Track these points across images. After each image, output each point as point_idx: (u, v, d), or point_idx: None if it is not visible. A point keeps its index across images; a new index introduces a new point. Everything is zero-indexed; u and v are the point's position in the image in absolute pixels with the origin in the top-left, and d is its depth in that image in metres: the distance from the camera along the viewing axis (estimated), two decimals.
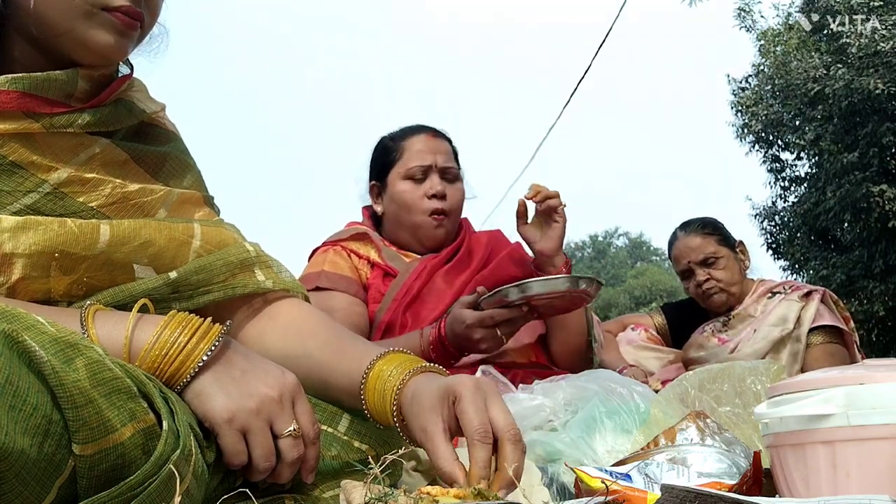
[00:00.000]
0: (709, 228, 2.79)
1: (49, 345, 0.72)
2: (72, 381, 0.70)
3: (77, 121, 0.99)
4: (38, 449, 0.68)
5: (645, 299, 26.12)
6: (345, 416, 1.07)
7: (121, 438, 0.73)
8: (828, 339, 2.58)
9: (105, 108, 1.03)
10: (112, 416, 0.73)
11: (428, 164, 2.07)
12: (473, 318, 1.76)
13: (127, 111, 1.07)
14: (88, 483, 0.72)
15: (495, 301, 1.78)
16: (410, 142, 2.12)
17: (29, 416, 0.67)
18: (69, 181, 0.98)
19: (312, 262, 2.10)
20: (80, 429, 0.70)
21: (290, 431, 0.89)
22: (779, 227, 11.88)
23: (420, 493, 0.77)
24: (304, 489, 0.98)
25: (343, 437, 1.06)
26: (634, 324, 2.88)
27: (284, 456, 0.89)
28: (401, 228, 2.11)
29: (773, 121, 11.14)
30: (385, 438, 1.08)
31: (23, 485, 0.68)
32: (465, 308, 1.79)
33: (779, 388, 1.02)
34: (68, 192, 0.98)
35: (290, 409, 0.91)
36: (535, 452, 1.34)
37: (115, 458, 0.73)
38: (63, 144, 0.99)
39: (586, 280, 1.85)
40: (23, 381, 0.68)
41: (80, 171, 0.99)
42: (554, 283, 1.80)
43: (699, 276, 2.73)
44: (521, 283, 1.78)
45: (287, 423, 0.90)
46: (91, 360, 0.74)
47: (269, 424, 0.89)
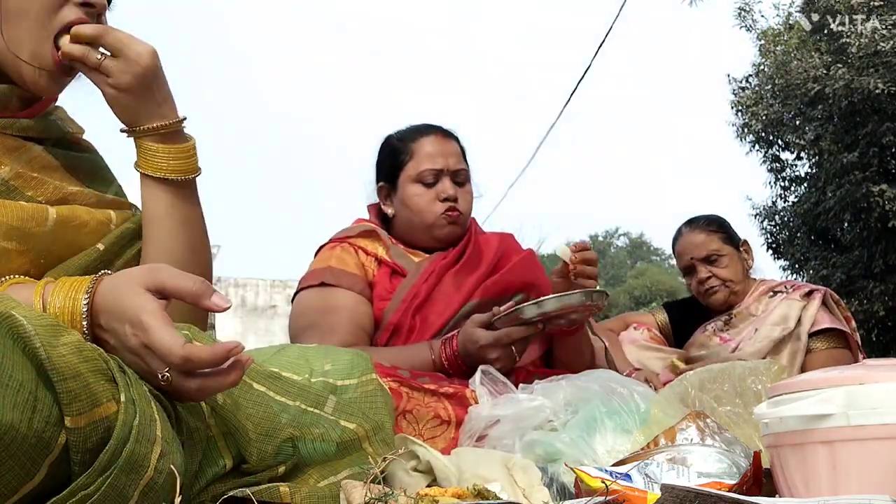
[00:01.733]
0: (713, 226, 2.78)
1: (36, 320, 0.75)
2: (59, 354, 0.74)
3: (15, 125, 1.13)
4: (27, 424, 0.70)
5: (645, 299, 26.10)
6: (330, 397, 1.11)
7: (108, 412, 0.76)
8: (831, 344, 2.56)
9: (38, 120, 1.17)
10: (98, 391, 0.76)
11: (439, 167, 2.05)
12: (488, 338, 1.77)
13: (54, 125, 1.21)
14: (82, 458, 0.74)
15: (510, 319, 1.79)
16: (420, 143, 2.10)
17: (16, 391, 0.70)
18: (17, 176, 1.10)
19: (319, 257, 2.09)
20: (73, 401, 0.73)
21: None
22: (779, 227, 11.87)
23: (420, 494, 0.77)
24: (299, 477, 1.02)
25: (330, 417, 1.09)
26: (637, 323, 2.86)
27: None
28: (413, 230, 2.10)
29: (773, 121, 11.12)
30: (371, 416, 1.12)
31: (13, 459, 0.70)
32: (478, 327, 1.80)
33: (779, 388, 1.03)
34: (17, 186, 1.09)
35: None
36: (535, 452, 1.34)
37: (103, 430, 0.76)
38: (7, 144, 1.11)
39: (598, 294, 1.88)
40: (7, 358, 0.71)
41: (25, 169, 1.11)
42: (569, 299, 1.82)
43: (701, 272, 2.72)
44: (537, 300, 1.80)
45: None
46: (73, 339, 0.78)
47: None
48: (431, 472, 1.19)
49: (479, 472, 1.15)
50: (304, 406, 1.08)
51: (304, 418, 1.06)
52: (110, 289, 0.90)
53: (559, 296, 1.83)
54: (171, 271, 0.90)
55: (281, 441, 1.01)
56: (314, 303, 1.98)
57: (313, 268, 2.06)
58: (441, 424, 1.58)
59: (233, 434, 0.97)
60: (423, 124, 2.19)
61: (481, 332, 1.78)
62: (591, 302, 1.86)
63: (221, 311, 0.89)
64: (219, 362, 0.85)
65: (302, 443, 1.04)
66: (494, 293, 2.00)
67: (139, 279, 0.88)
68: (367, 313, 1.98)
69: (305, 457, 1.05)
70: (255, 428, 0.99)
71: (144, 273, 0.90)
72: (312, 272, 2.04)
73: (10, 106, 1.15)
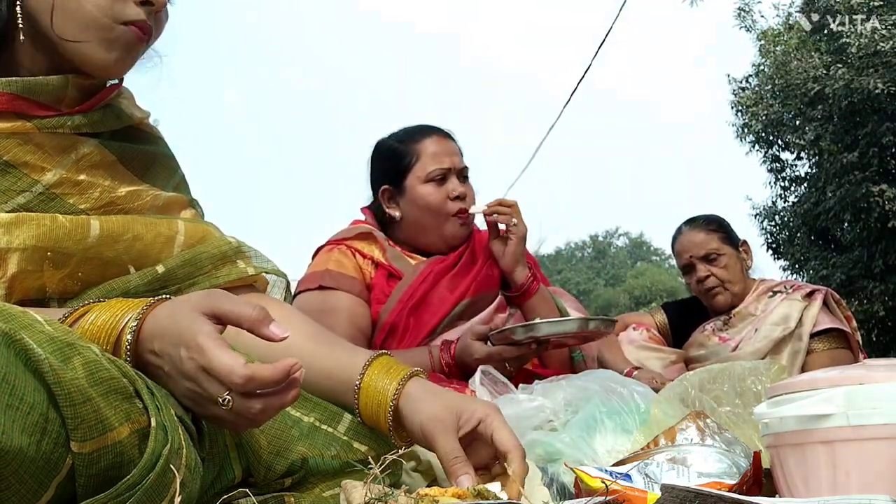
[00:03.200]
0: (713, 225, 2.79)
1: (46, 343, 0.72)
2: (69, 379, 0.71)
3: (67, 123, 1.03)
4: (35, 447, 0.68)
5: (645, 299, 26.11)
6: (345, 416, 1.09)
7: (118, 437, 0.73)
8: (832, 344, 2.57)
9: (94, 113, 1.07)
10: (110, 415, 0.73)
11: (447, 166, 2.09)
12: (482, 353, 1.82)
13: (115, 116, 1.11)
14: (87, 481, 0.72)
15: (503, 338, 1.82)
16: (424, 145, 2.12)
17: (26, 414, 0.67)
18: (60, 182, 1.01)
19: (317, 260, 2.10)
20: (79, 427, 0.71)
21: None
22: (779, 227, 11.88)
23: (420, 494, 0.77)
24: (305, 488, 0.99)
25: (343, 437, 1.07)
26: (636, 323, 2.87)
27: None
28: (423, 231, 2.11)
29: (773, 121, 11.14)
30: (384, 440, 1.09)
31: (20, 483, 0.68)
32: (476, 339, 1.85)
33: (779, 388, 1.02)
34: (59, 194, 1.01)
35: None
36: (535, 452, 1.34)
37: (113, 456, 0.73)
38: (54, 144, 1.02)
39: (597, 321, 1.86)
40: (19, 379, 0.68)
41: (71, 173, 1.03)
42: (562, 325, 1.83)
43: (700, 271, 2.73)
44: (529, 323, 1.84)
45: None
46: (88, 359, 0.74)
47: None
48: (431, 472, 1.19)
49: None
50: (318, 423, 1.06)
51: (317, 437, 1.05)
52: (168, 314, 0.85)
53: (552, 321, 1.84)
54: (229, 297, 0.87)
55: (292, 461, 0.99)
56: (313, 305, 1.98)
57: (311, 270, 2.08)
58: None
59: (244, 447, 0.94)
60: (420, 125, 2.21)
61: (477, 346, 1.83)
62: (587, 329, 1.84)
63: (279, 340, 0.84)
64: (281, 381, 0.81)
65: (312, 460, 1.02)
66: (486, 288, 2.05)
67: (195, 303, 0.85)
68: (364, 315, 2.00)
69: (313, 467, 1.03)
70: (268, 444, 0.97)
71: (201, 297, 0.87)
72: (311, 275, 2.05)
73: (66, 99, 1.05)
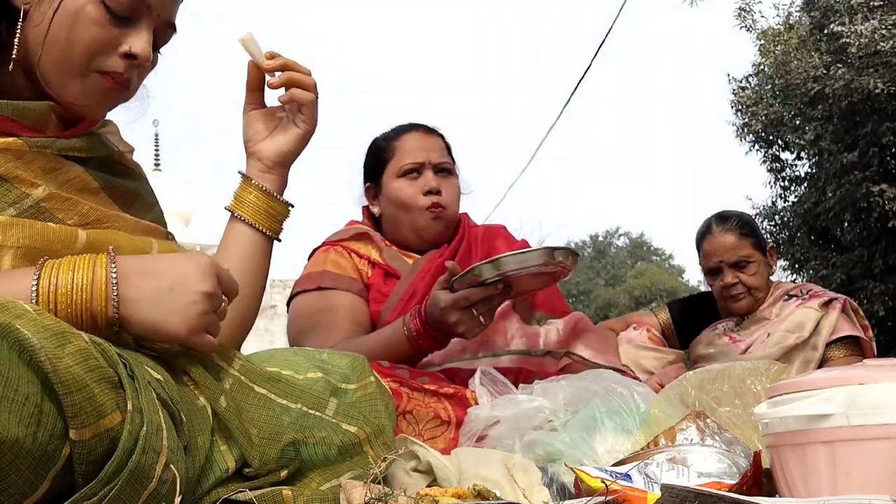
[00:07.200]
0: (746, 229, 2.68)
1: (40, 332, 0.74)
2: (65, 367, 0.73)
3: (55, 143, 1.08)
4: (31, 439, 0.70)
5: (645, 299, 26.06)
6: (331, 400, 1.11)
7: (112, 423, 0.76)
8: (849, 352, 2.51)
9: (78, 140, 1.11)
10: (104, 401, 0.76)
11: (421, 160, 2.05)
12: (447, 300, 1.66)
13: (100, 143, 1.16)
14: (86, 469, 0.74)
15: (469, 280, 1.66)
16: (402, 140, 2.10)
17: (21, 405, 0.69)
18: (50, 197, 1.05)
19: (313, 261, 2.08)
20: (77, 413, 0.73)
21: (224, 306, 1.04)
22: (779, 227, 11.86)
23: (420, 494, 0.77)
24: (302, 482, 1.02)
25: (331, 420, 1.09)
26: (637, 322, 2.83)
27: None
28: (400, 227, 2.09)
29: (773, 121, 11.12)
30: (371, 420, 1.12)
31: (17, 474, 0.69)
32: (441, 289, 1.70)
33: (779, 388, 1.02)
34: (48, 208, 1.05)
35: (218, 287, 1.01)
36: (535, 452, 1.34)
37: (108, 442, 0.75)
38: (43, 164, 1.06)
39: (562, 251, 1.71)
40: (13, 371, 0.70)
41: (60, 190, 1.07)
42: (528, 257, 1.67)
43: (727, 277, 2.64)
44: (493, 259, 1.66)
45: (221, 300, 1.02)
46: (79, 347, 0.77)
47: (214, 311, 1.00)
48: (431, 472, 1.19)
49: (479, 473, 1.15)
50: (306, 409, 1.08)
51: (307, 421, 1.07)
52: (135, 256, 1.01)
53: (517, 253, 1.69)
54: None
55: (284, 445, 1.02)
56: (312, 305, 1.98)
57: (308, 271, 2.06)
58: (441, 425, 1.57)
59: (235, 438, 0.97)
60: (407, 123, 2.18)
61: (442, 294, 1.68)
62: (553, 260, 1.69)
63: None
64: None
65: (304, 447, 1.04)
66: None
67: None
68: (364, 311, 1.98)
69: (307, 460, 1.05)
70: (258, 432, 1.00)
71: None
72: (308, 276, 2.03)
73: (51, 124, 1.10)
